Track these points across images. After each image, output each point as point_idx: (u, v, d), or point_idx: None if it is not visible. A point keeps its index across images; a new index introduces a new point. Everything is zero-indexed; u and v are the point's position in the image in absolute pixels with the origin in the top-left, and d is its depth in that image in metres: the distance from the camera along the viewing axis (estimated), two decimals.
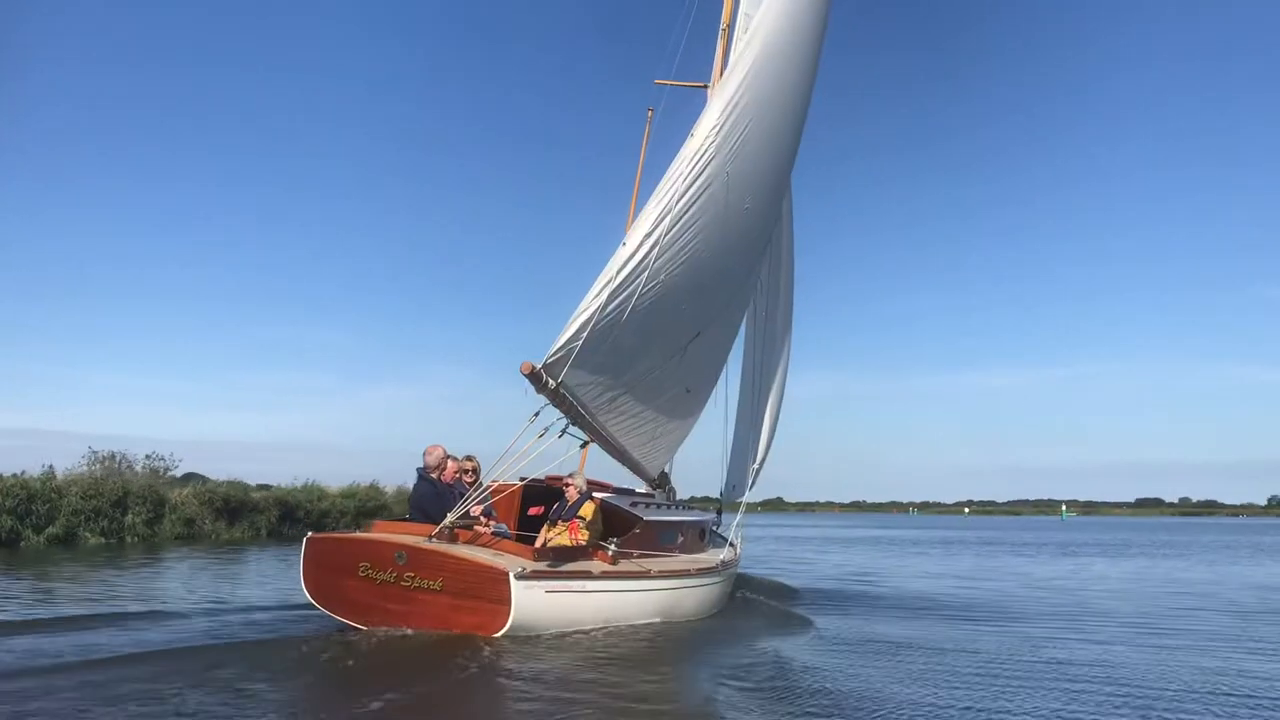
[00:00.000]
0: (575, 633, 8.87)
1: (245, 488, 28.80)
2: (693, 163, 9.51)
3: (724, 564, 11.87)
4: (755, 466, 14.48)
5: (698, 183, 9.61)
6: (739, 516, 14.12)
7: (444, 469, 9.73)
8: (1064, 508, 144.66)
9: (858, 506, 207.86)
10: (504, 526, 10.07)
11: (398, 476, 31.63)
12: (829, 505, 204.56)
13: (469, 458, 10.18)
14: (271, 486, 31.72)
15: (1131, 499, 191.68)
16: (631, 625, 9.56)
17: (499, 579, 8.12)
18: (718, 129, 9.68)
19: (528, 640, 8.26)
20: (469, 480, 10.08)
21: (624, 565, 9.76)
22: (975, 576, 20.02)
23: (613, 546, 9.76)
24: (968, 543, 38.92)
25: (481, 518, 9.50)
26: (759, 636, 10.07)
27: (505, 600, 8.10)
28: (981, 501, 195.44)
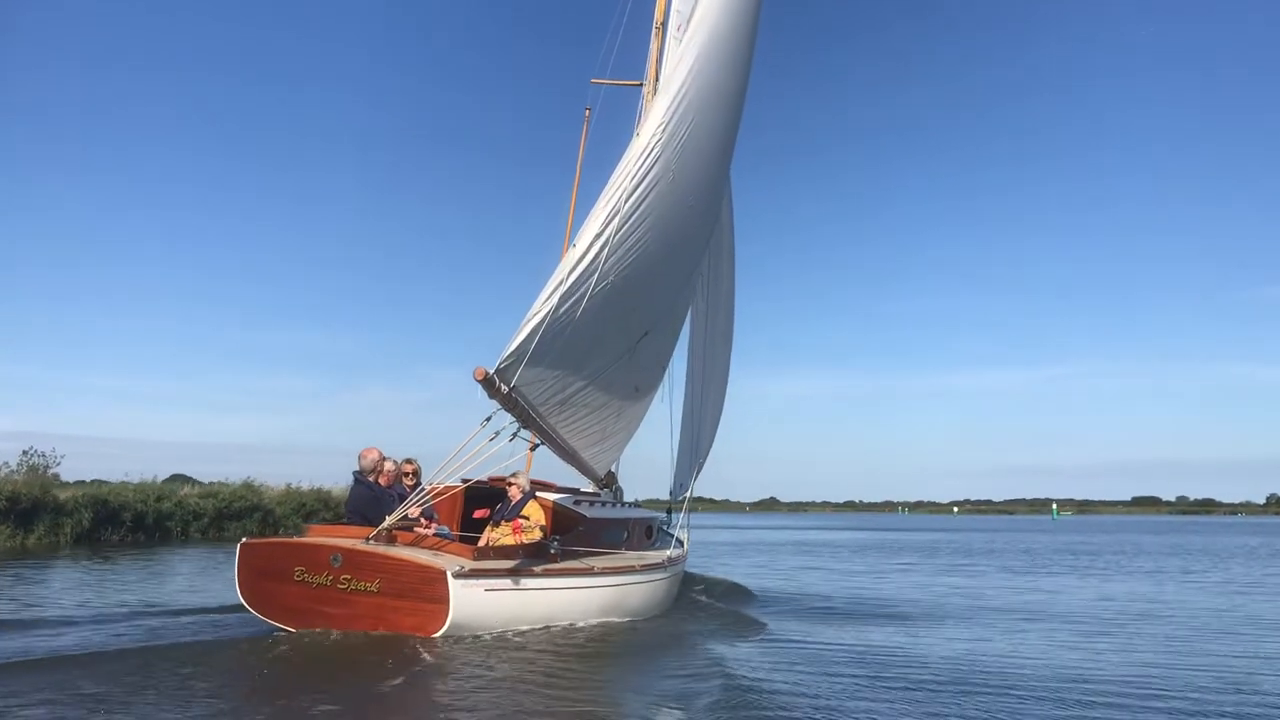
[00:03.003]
0: (516, 633, 8.78)
1: (48, 483, 24.07)
2: (640, 162, 9.46)
3: (670, 560, 11.87)
4: (700, 461, 14.51)
5: (645, 181, 9.56)
6: (683, 514, 14.12)
7: (380, 471, 9.58)
8: (1055, 507, 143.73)
9: (852, 506, 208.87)
10: (445, 528, 9.95)
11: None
12: (823, 505, 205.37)
13: (408, 460, 10.06)
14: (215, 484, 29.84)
15: (1128, 497, 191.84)
16: (575, 624, 9.51)
17: (436, 578, 8.04)
18: (663, 127, 9.65)
19: (467, 640, 8.15)
20: (409, 483, 9.95)
21: (567, 563, 9.70)
22: (846, 577, 19.21)
23: (555, 544, 9.68)
24: (913, 546, 34.11)
25: (422, 519, 9.35)
26: (703, 637, 9.99)
27: (443, 600, 8.02)
28: (977, 501, 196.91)
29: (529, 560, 9.29)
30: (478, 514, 10.78)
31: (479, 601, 8.36)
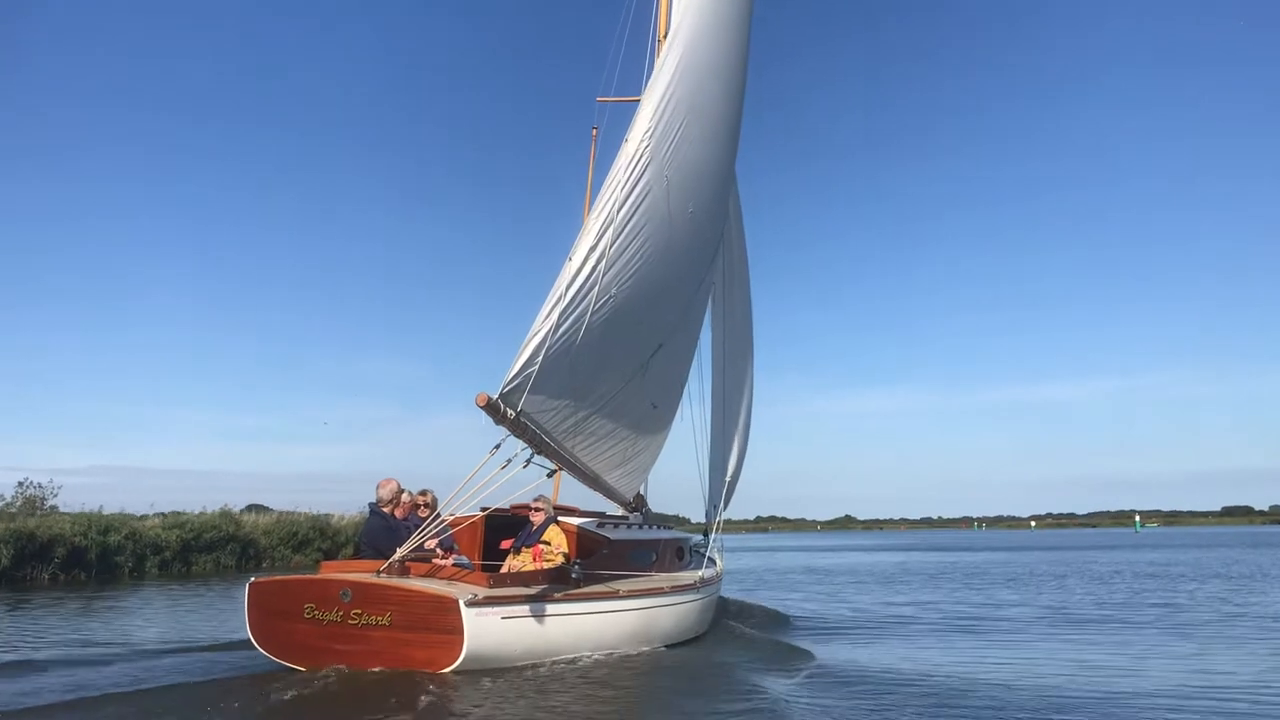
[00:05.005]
0: (539, 664, 8.40)
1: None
2: (629, 170, 9.25)
3: (703, 581, 11.37)
4: (728, 479, 14.04)
5: (636, 190, 9.34)
6: (715, 534, 13.60)
7: (398, 503, 9.42)
8: (1137, 519, 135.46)
9: (928, 523, 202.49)
10: (465, 559, 9.69)
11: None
12: (899, 523, 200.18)
13: (423, 492, 9.87)
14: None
15: (1218, 508, 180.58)
16: (602, 652, 9.10)
17: (448, 608, 7.72)
18: (650, 133, 9.45)
19: (485, 676, 7.78)
20: (425, 515, 9.69)
21: (590, 588, 9.32)
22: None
23: (577, 568, 9.32)
24: (938, 570, 27.89)
25: (439, 550, 9.12)
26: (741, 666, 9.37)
27: (457, 630, 7.68)
28: (1059, 514, 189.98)
29: (549, 586, 8.95)
30: (505, 545, 10.52)
31: (496, 630, 8.03)
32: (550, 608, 8.62)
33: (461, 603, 7.71)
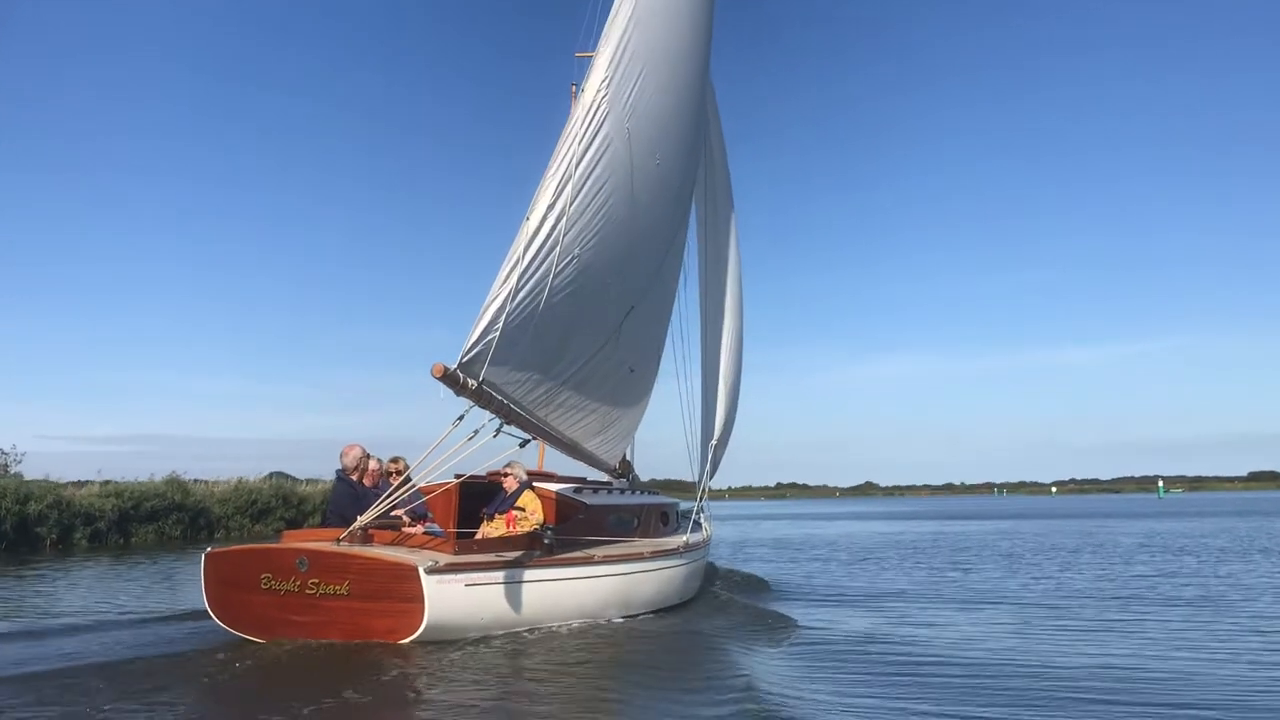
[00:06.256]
0: (508, 633, 8.13)
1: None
2: (585, 123, 8.79)
3: (688, 546, 11.04)
4: (714, 443, 13.66)
5: (595, 143, 8.89)
6: (701, 497, 13.22)
7: (363, 470, 9.10)
8: (1160, 484, 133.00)
9: (950, 489, 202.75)
10: (436, 527, 9.41)
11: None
12: (922, 489, 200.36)
13: (394, 459, 9.57)
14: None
15: (1244, 473, 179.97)
16: (577, 621, 8.84)
17: (407, 575, 7.44)
18: (606, 82, 8.97)
19: (449, 645, 7.53)
20: (396, 483, 9.36)
21: (564, 554, 9.03)
22: None
23: (549, 533, 9.01)
24: (920, 544, 24.12)
25: (405, 518, 8.85)
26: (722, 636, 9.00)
27: (417, 598, 7.41)
28: (1082, 480, 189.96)
29: (518, 552, 8.65)
30: (484, 513, 10.26)
31: (459, 598, 7.74)
32: (519, 574, 8.33)
33: (421, 569, 7.41)
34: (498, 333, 8.27)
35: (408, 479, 8.75)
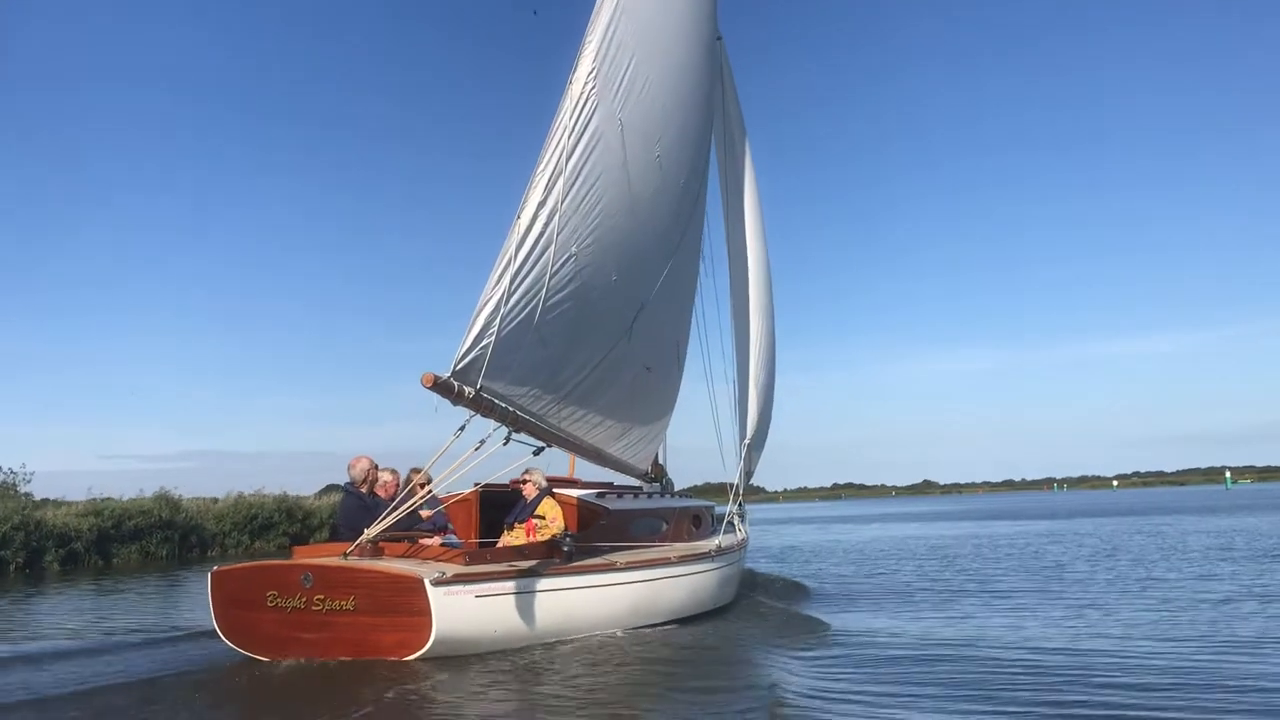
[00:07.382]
0: (524, 647, 7.81)
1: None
2: (574, 115, 8.52)
3: (719, 549, 10.57)
4: (747, 442, 13.16)
5: (586, 136, 8.61)
6: (735, 499, 12.68)
7: (371, 481, 8.91)
8: (1228, 475, 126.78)
9: (1010, 485, 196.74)
10: (454, 538, 9.17)
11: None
12: (981, 486, 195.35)
13: (415, 470, 9.28)
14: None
15: None
16: (602, 631, 8.48)
17: (413, 588, 7.18)
18: (594, 73, 8.69)
19: (461, 660, 7.25)
20: (421, 494, 9.17)
21: (583, 561, 8.68)
22: None
23: (567, 540, 8.68)
24: (945, 546, 22.32)
25: (420, 530, 8.65)
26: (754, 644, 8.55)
27: (424, 612, 7.15)
28: (1146, 473, 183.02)
29: (533, 561, 8.35)
30: (506, 522, 10.02)
31: (469, 610, 7.46)
32: (533, 584, 8.02)
33: (427, 582, 7.17)
34: (493, 336, 8.02)
35: (409, 490, 8.55)
